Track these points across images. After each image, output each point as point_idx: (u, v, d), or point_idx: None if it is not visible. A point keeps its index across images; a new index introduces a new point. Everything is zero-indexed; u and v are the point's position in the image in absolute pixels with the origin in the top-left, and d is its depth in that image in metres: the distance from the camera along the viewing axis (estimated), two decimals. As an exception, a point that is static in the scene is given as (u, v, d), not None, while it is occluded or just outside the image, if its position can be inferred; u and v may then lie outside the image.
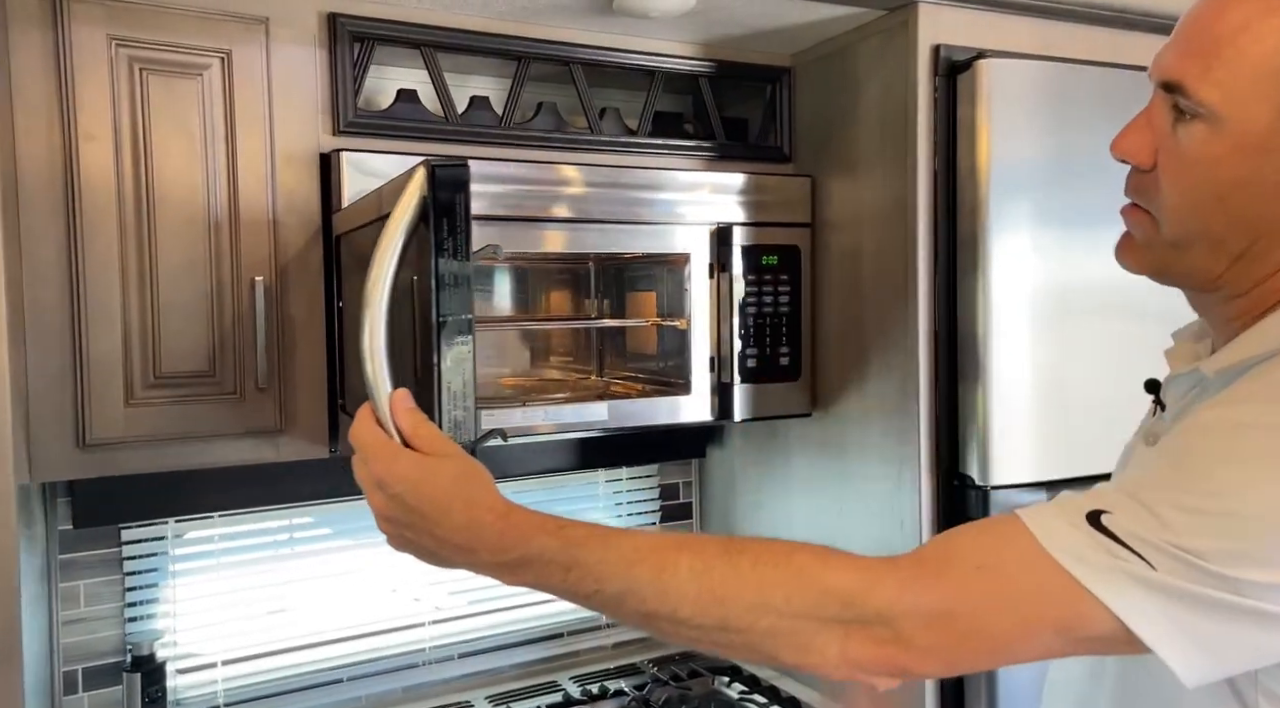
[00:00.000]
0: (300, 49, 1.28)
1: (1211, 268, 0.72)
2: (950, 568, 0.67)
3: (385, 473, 0.75)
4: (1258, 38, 0.65)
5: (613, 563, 0.71)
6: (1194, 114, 0.68)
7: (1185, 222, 0.71)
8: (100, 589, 1.53)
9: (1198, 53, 0.67)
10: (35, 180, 1.15)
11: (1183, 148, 0.69)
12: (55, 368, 1.16)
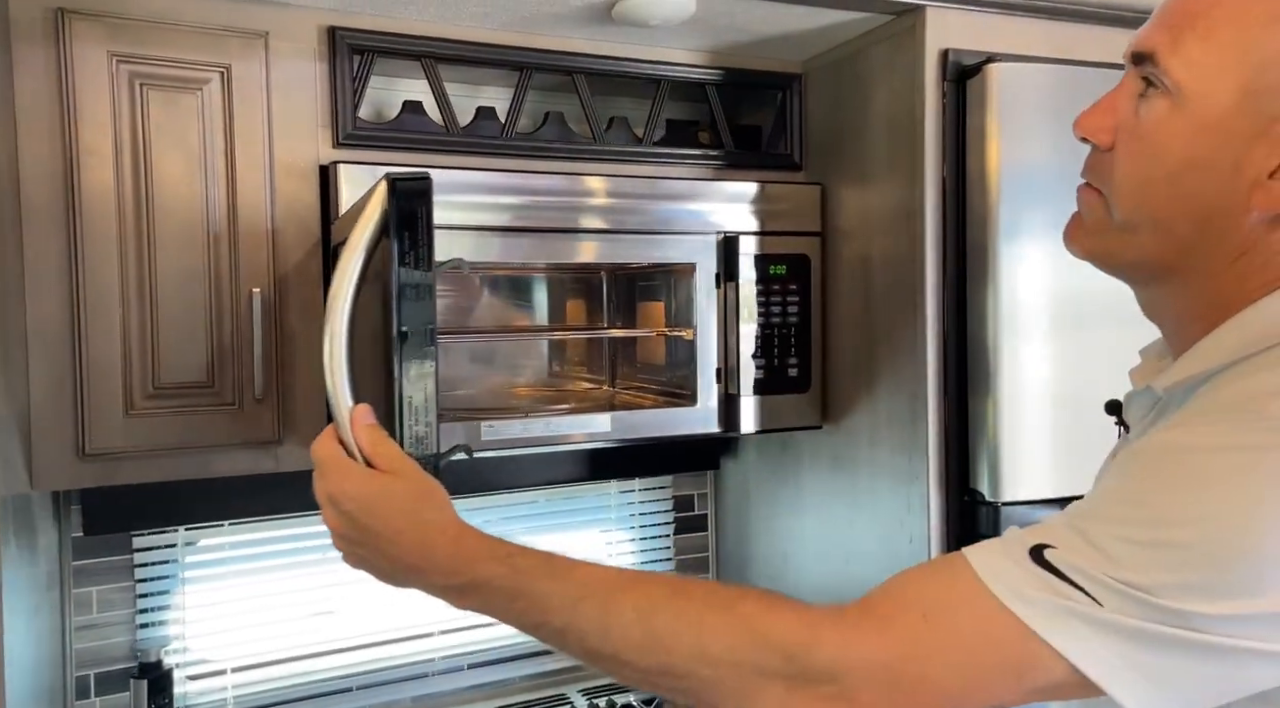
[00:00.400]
0: (300, 63, 1.29)
1: (1158, 255, 0.69)
2: (896, 617, 0.64)
3: (337, 490, 0.76)
4: (1231, 16, 0.63)
5: (559, 596, 0.70)
6: (1159, 85, 0.66)
7: (1135, 200, 0.68)
8: (113, 596, 1.55)
9: (1172, 25, 0.66)
10: (37, 194, 1.16)
11: (1142, 124, 0.67)
12: (56, 379, 1.18)
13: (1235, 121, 0.63)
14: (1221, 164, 0.64)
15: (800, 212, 1.59)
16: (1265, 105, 0.62)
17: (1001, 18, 1.39)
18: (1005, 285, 1.35)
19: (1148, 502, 0.61)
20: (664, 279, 1.62)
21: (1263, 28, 0.62)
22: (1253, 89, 0.63)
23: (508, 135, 1.44)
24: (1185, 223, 0.67)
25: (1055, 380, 1.39)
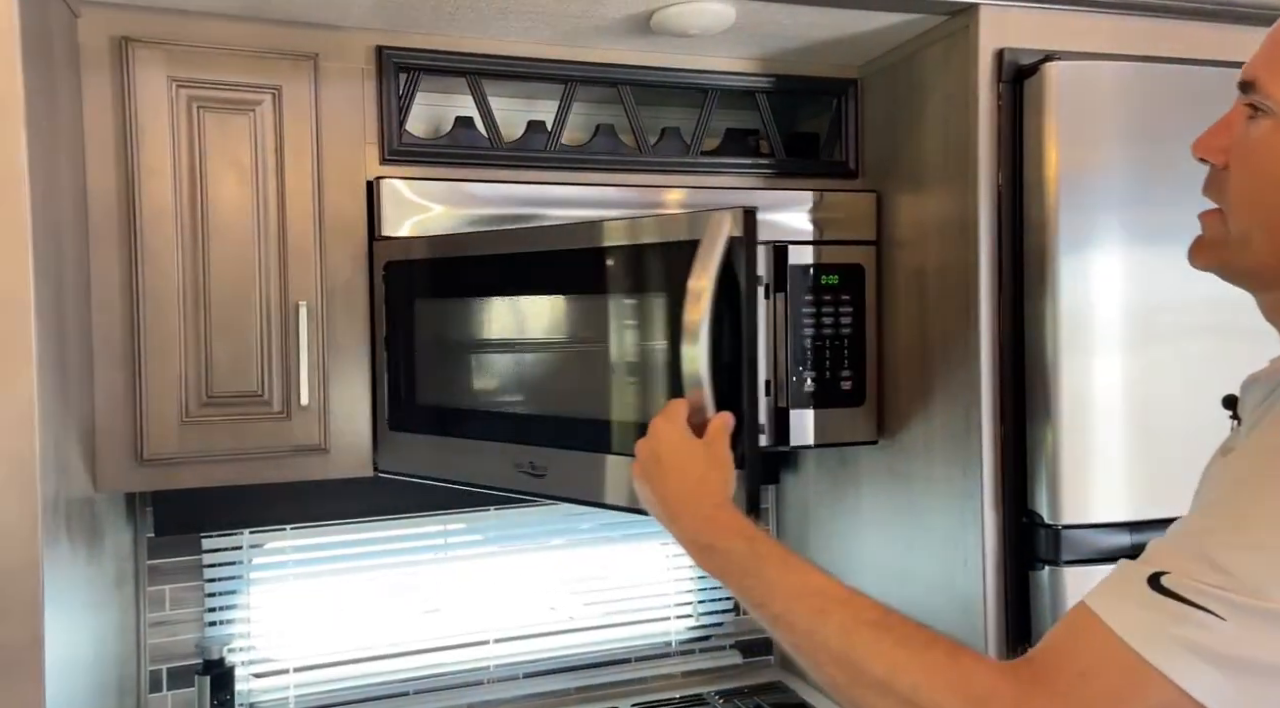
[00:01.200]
0: (348, 82, 1.33)
1: (1272, 261, 0.73)
2: (1057, 677, 0.67)
3: (663, 430, 0.95)
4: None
5: (783, 588, 0.80)
6: (1264, 110, 0.71)
7: (1248, 212, 0.73)
8: (184, 594, 1.62)
9: (1272, 56, 0.72)
10: (102, 213, 1.23)
11: (1251, 143, 0.72)
12: (119, 387, 1.24)
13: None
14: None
15: (855, 220, 1.55)
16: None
17: (1062, 14, 1.33)
18: (1066, 297, 1.28)
19: (1255, 502, 0.63)
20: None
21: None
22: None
23: (550, 148, 1.45)
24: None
25: (1124, 398, 1.30)
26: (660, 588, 1.92)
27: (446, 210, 1.35)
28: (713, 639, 1.94)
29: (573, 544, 1.87)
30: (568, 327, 1.31)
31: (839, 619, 0.76)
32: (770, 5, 1.28)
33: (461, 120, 1.45)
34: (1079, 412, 1.29)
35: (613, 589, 1.89)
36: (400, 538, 1.74)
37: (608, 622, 1.88)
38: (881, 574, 1.60)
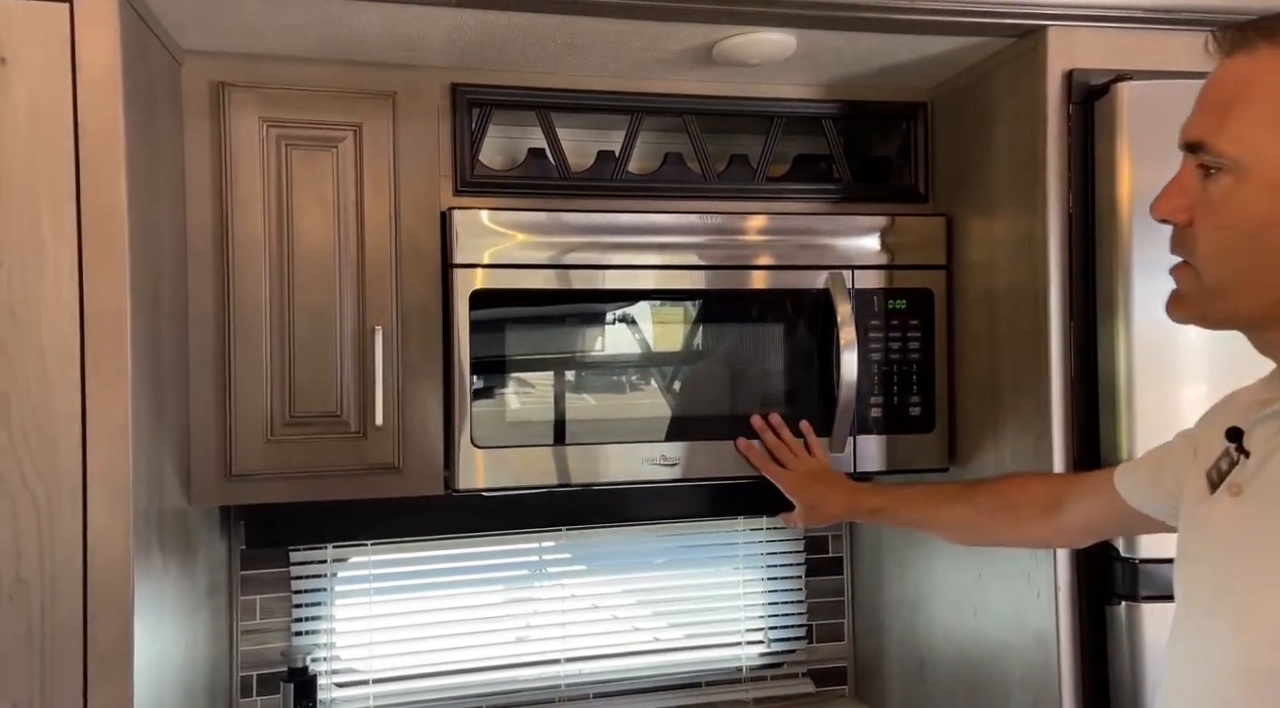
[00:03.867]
0: (424, 118, 1.39)
1: (1257, 308, 0.75)
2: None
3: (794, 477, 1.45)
4: (1263, 90, 0.72)
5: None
6: (1218, 168, 0.73)
7: (1224, 266, 0.75)
8: (273, 604, 1.71)
9: (1212, 112, 0.74)
10: (199, 244, 1.33)
11: (1214, 199, 0.74)
12: (211, 407, 1.33)
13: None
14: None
15: (925, 244, 1.53)
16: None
17: (1135, 32, 1.29)
18: (1139, 322, 1.24)
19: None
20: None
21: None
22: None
23: (616, 177, 1.48)
24: (1275, 275, 0.73)
25: (1206, 426, 1.25)
26: (733, 613, 1.91)
27: (518, 238, 1.40)
28: (785, 667, 1.92)
29: (647, 567, 1.89)
30: (682, 346, 1.51)
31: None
32: (830, 34, 1.29)
33: (534, 151, 1.51)
34: (1154, 440, 1.23)
35: (685, 613, 1.90)
36: (478, 555, 1.80)
37: (679, 645, 1.89)
38: (953, 605, 1.56)
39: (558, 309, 1.45)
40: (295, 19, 1.21)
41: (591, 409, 1.46)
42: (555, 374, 1.44)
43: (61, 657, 1.02)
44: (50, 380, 1.01)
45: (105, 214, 1.02)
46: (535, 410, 1.43)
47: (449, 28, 1.25)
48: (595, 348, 1.48)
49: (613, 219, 1.44)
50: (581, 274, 1.42)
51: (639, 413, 1.48)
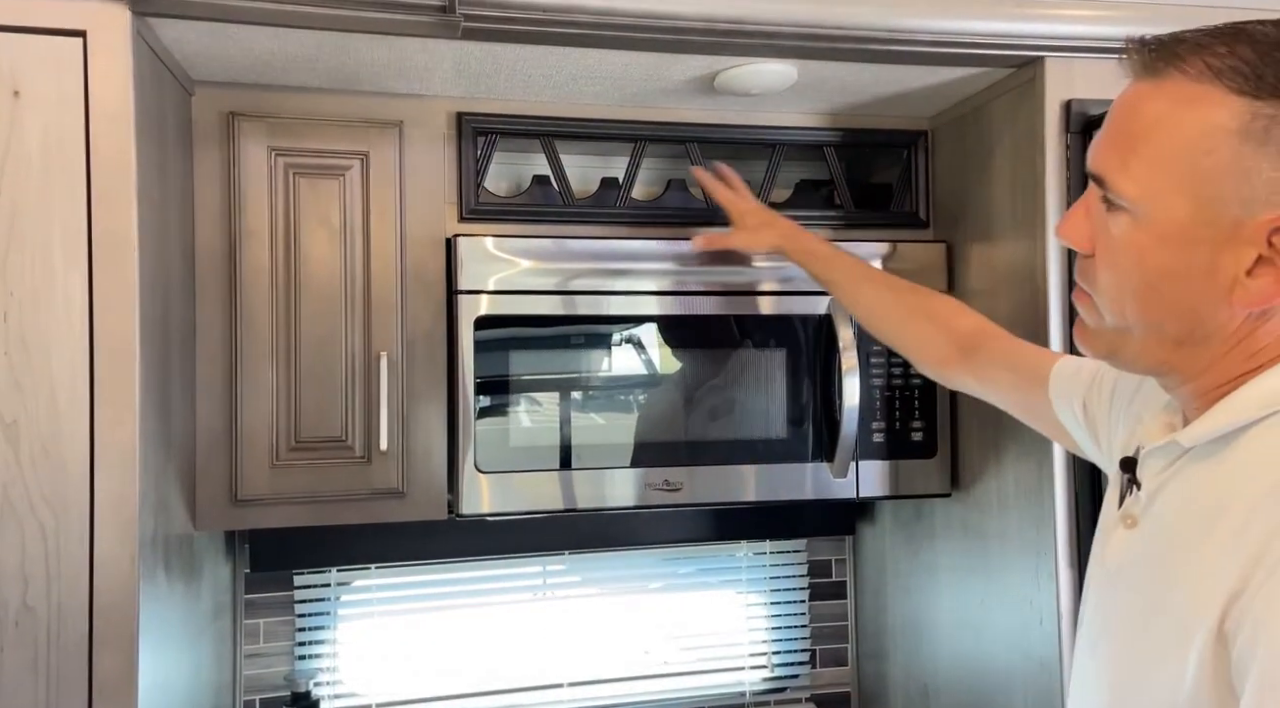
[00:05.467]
0: (430, 146, 1.41)
1: (1156, 353, 0.71)
2: None
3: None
4: (1171, 133, 0.65)
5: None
6: (1119, 205, 0.69)
7: (1122, 309, 0.71)
8: (277, 628, 1.71)
9: (1117, 147, 0.69)
10: (208, 271, 1.34)
11: (1113, 237, 0.70)
12: (218, 432, 1.34)
13: (1197, 230, 0.65)
14: (1195, 270, 0.66)
15: (926, 271, 1.54)
16: (1223, 212, 0.64)
17: (1131, 63, 1.31)
18: (1139, 348, 1.24)
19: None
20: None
21: (1201, 136, 0.64)
22: (1206, 199, 0.64)
23: (619, 204, 1.50)
24: (1174, 324, 0.69)
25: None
26: (735, 637, 1.91)
27: (523, 264, 1.41)
28: (788, 691, 1.92)
29: (650, 590, 1.89)
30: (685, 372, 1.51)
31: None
32: (831, 64, 1.31)
33: (538, 178, 1.53)
34: (1156, 467, 1.24)
35: (688, 637, 1.89)
36: (480, 580, 1.80)
37: (683, 669, 1.88)
38: (957, 629, 1.56)
39: (561, 335, 1.46)
40: (305, 51, 1.23)
41: (595, 434, 1.47)
42: (558, 400, 1.45)
43: (66, 684, 1.03)
44: (59, 408, 1.02)
45: (116, 244, 1.04)
46: (539, 436, 1.44)
47: (455, 59, 1.27)
48: (598, 373, 1.49)
49: (616, 245, 1.45)
50: (585, 300, 1.44)
51: (642, 438, 1.49)
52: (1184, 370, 0.71)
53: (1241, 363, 0.68)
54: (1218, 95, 0.64)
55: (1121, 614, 0.74)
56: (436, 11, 1.11)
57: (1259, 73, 0.63)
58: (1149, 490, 0.74)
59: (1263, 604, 0.59)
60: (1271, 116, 0.62)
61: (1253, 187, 0.63)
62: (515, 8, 1.15)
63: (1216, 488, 0.68)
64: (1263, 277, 0.64)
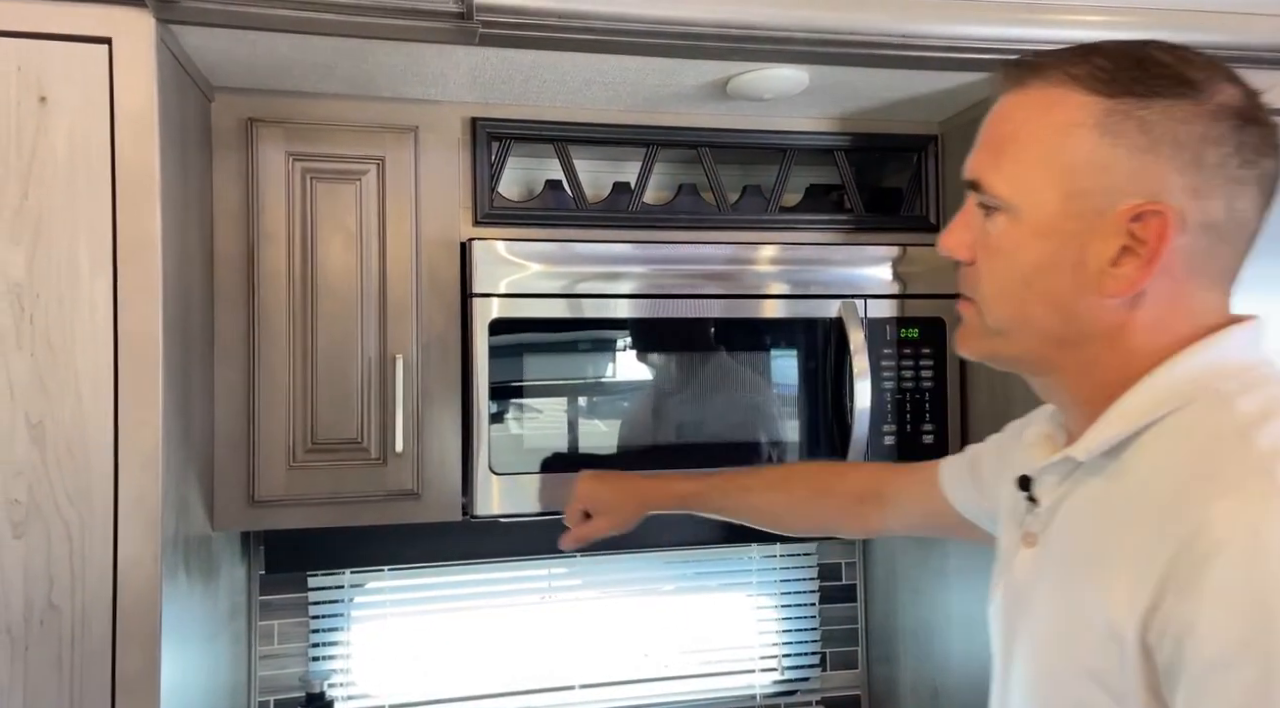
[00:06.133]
0: (444, 151, 1.43)
1: (1036, 351, 0.75)
2: None
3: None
4: (1038, 133, 0.71)
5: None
6: (995, 207, 0.73)
7: (1002, 307, 0.75)
8: (291, 630, 1.72)
9: (990, 151, 0.74)
10: (227, 275, 1.36)
11: (992, 239, 0.74)
12: (235, 434, 1.36)
13: (1066, 223, 0.70)
14: (1065, 262, 0.70)
15: (936, 274, 1.55)
16: (1087, 204, 0.69)
17: (1141, 67, 1.32)
18: (1150, 350, 1.25)
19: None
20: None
21: (1063, 133, 0.69)
22: (1072, 192, 0.69)
23: (632, 208, 1.51)
24: (1051, 319, 0.72)
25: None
26: (746, 640, 1.92)
27: (536, 268, 1.42)
28: (798, 695, 1.93)
29: (661, 593, 1.90)
30: (697, 375, 1.50)
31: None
32: (842, 69, 1.32)
33: (551, 183, 1.54)
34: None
35: (698, 640, 1.90)
36: (492, 581, 1.81)
37: (693, 672, 1.89)
38: (968, 632, 1.56)
39: (574, 338, 1.47)
40: (323, 57, 1.25)
41: (608, 437, 1.48)
42: (572, 402, 1.47)
43: (90, 682, 1.04)
44: (85, 409, 1.03)
45: (140, 247, 1.05)
46: (552, 438, 1.45)
47: (471, 65, 1.29)
48: (611, 376, 1.50)
49: (628, 249, 1.47)
50: (597, 303, 1.45)
51: (655, 440, 1.50)
52: (1065, 369, 0.74)
53: (1119, 365, 0.71)
54: (1076, 97, 0.69)
55: (1038, 632, 0.75)
56: (454, 18, 1.13)
57: (1113, 76, 0.68)
58: (1047, 507, 0.77)
59: (1179, 623, 0.60)
60: (1125, 112, 0.67)
61: (1112, 177, 0.68)
62: (531, 14, 1.16)
63: (1115, 500, 0.70)
64: (1127, 265, 0.68)
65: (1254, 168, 0.68)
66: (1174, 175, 0.67)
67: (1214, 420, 0.66)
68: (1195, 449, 0.66)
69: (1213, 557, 0.59)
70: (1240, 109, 0.68)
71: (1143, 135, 0.67)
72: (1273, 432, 0.63)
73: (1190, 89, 0.67)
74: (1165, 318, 0.70)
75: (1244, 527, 0.58)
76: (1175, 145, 0.67)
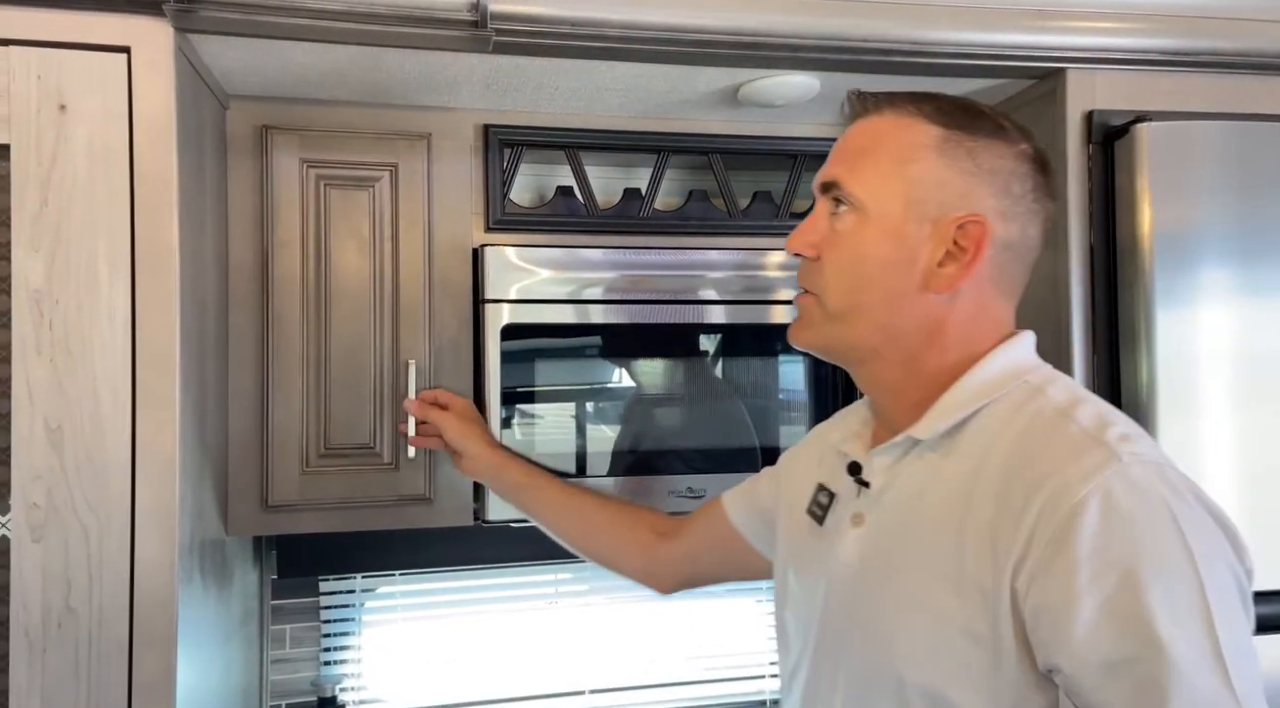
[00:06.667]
0: (457, 158, 1.44)
1: (867, 339, 0.85)
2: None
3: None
4: (888, 147, 0.84)
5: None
6: (847, 205, 0.84)
7: (844, 295, 0.85)
8: (302, 634, 1.73)
9: (848, 158, 0.86)
10: (241, 281, 1.37)
11: (839, 234, 0.85)
12: (250, 439, 1.36)
13: (906, 226, 0.82)
14: (902, 260, 0.82)
15: (947, 279, 1.55)
16: (924, 212, 0.82)
17: (1151, 74, 1.32)
18: (1162, 354, 1.25)
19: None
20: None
21: (911, 150, 0.83)
22: (912, 200, 0.82)
23: (643, 215, 1.52)
24: (883, 309, 0.83)
25: (1233, 459, 1.26)
26: (755, 644, 1.92)
27: (547, 274, 1.43)
28: (809, 700, 1.92)
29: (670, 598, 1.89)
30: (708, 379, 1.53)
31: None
32: (853, 76, 1.32)
33: (562, 189, 1.55)
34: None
35: (708, 644, 1.90)
36: (502, 586, 1.81)
37: (703, 677, 1.89)
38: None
39: (585, 343, 1.48)
40: (338, 65, 1.26)
41: (619, 442, 1.48)
42: (583, 407, 1.47)
43: (107, 686, 1.04)
44: (103, 414, 1.04)
45: (158, 254, 1.06)
46: (564, 443, 1.45)
47: (485, 72, 1.30)
48: (622, 382, 1.51)
49: (638, 255, 1.47)
50: (608, 309, 1.45)
51: (665, 445, 1.50)
52: (889, 359, 0.85)
53: (935, 359, 0.83)
54: (921, 124, 0.83)
55: (881, 602, 0.82)
56: (469, 27, 1.14)
57: (949, 113, 0.84)
58: (879, 487, 0.86)
59: (1052, 571, 0.70)
60: (958, 141, 0.82)
61: (945, 192, 0.82)
62: (545, 21, 1.17)
63: (955, 474, 0.79)
64: (950, 266, 0.81)
65: (1042, 206, 0.85)
66: (990, 198, 0.82)
67: (1035, 405, 0.79)
68: (1026, 427, 0.77)
69: (1078, 514, 0.69)
70: (1035, 157, 0.85)
71: (970, 161, 0.82)
72: (1085, 412, 0.77)
73: (1004, 133, 0.84)
74: (974, 319, 0.84)
75: (1096, 487, 0.70)
76: (993, 173, 0.82)
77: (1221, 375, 1.27)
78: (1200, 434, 1.26)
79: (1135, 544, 0.68)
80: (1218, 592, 0.68)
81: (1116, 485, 0.70)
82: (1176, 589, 0.67)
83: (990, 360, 0.83)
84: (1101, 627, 0.67)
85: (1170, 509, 0.70)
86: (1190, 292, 1.26)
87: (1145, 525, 0.69)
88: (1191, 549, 0.68)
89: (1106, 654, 0.67)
